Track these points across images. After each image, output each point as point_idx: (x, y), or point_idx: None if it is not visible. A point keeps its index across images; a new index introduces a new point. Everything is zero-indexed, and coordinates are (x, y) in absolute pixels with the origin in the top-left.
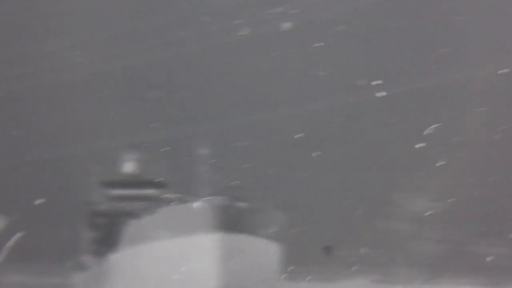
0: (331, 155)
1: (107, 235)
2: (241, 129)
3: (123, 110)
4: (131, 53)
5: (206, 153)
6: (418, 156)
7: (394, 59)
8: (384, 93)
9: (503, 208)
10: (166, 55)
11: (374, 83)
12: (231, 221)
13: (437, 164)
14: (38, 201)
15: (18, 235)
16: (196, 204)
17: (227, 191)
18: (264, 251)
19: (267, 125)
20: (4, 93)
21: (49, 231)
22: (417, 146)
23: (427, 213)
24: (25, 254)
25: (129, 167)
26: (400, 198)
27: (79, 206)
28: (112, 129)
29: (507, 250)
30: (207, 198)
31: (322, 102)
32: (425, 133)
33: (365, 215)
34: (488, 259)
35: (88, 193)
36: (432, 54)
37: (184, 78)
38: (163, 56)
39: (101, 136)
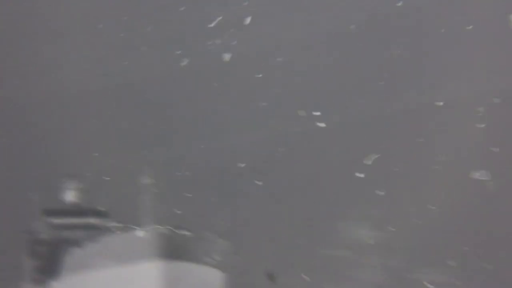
0: (273, 184)
1: (49, 264)
2: (183, 158)
3: (64, 139)
4: (70, 83)
5: (148, 183)
6: (359, 185)
7: (333, 91)
8: (323, 125)
9: (442, 236)
10: (105, 85)
11: (313, 113)
12: (173, 250)
13: (378, 194)
14: None
15: None
16: (139, 233)
17: (169, 220)
18: (207, 279)
19: (209, 155)
20: None
21: None
22: (358, 175)
23: (369, 241)
24: None
25: (71, 195)
26: (342, 226)
27: (19, 234)
28: (54, 157)
29: (447, 278)
30: (150, 227)
31: (263, 132)
32: (365, 163)
33: (308, 243)
34: (429, 286)
35: (29, 221)
36: (371, 86)
37: (125, 108)
38: (103, 86)
39: (42, 164)
